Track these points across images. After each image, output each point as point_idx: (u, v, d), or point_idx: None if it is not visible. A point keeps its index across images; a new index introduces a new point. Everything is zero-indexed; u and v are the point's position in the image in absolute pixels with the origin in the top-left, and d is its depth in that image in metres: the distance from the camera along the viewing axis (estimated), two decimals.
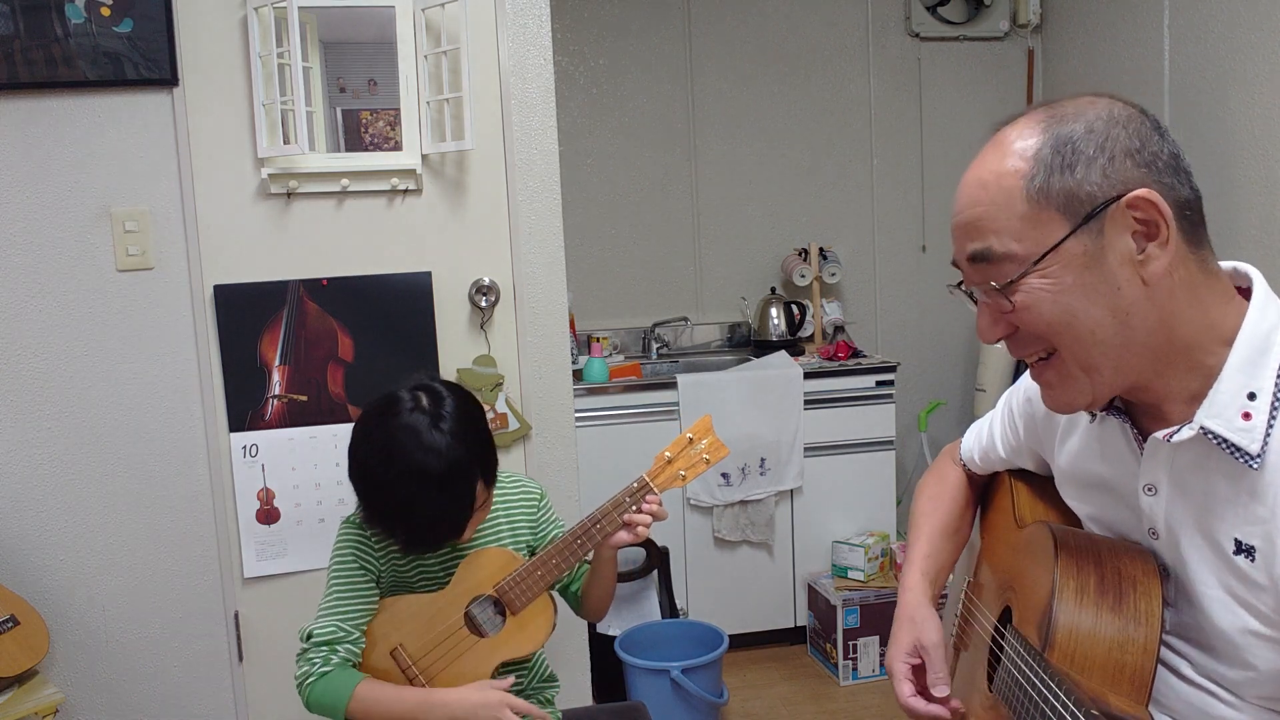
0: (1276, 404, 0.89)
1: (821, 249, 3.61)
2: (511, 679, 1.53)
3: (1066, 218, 0.89)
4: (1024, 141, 0.92)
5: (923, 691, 1.20)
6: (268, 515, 2.18)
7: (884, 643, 3.04)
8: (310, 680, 1.48)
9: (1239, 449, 0.89)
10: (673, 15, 3.59)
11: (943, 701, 1.15)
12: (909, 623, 1.23)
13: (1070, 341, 0.92)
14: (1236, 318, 0.92)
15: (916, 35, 3.74)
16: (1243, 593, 0.92)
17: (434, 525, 1.48)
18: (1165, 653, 1.01)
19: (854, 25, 3.71)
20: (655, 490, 1.55)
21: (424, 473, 1.43)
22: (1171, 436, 0.93)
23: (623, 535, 1.54)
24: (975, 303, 0.99)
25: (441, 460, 1.43)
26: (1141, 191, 0.88)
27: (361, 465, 1.49)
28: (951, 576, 1.49)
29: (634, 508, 1.53)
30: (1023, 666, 1.00)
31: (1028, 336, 0.96)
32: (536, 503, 1.69)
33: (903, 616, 1.25)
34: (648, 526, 1.54)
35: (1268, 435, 0.89)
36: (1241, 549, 0.91)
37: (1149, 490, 0.99)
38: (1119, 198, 0.88)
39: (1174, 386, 0.94)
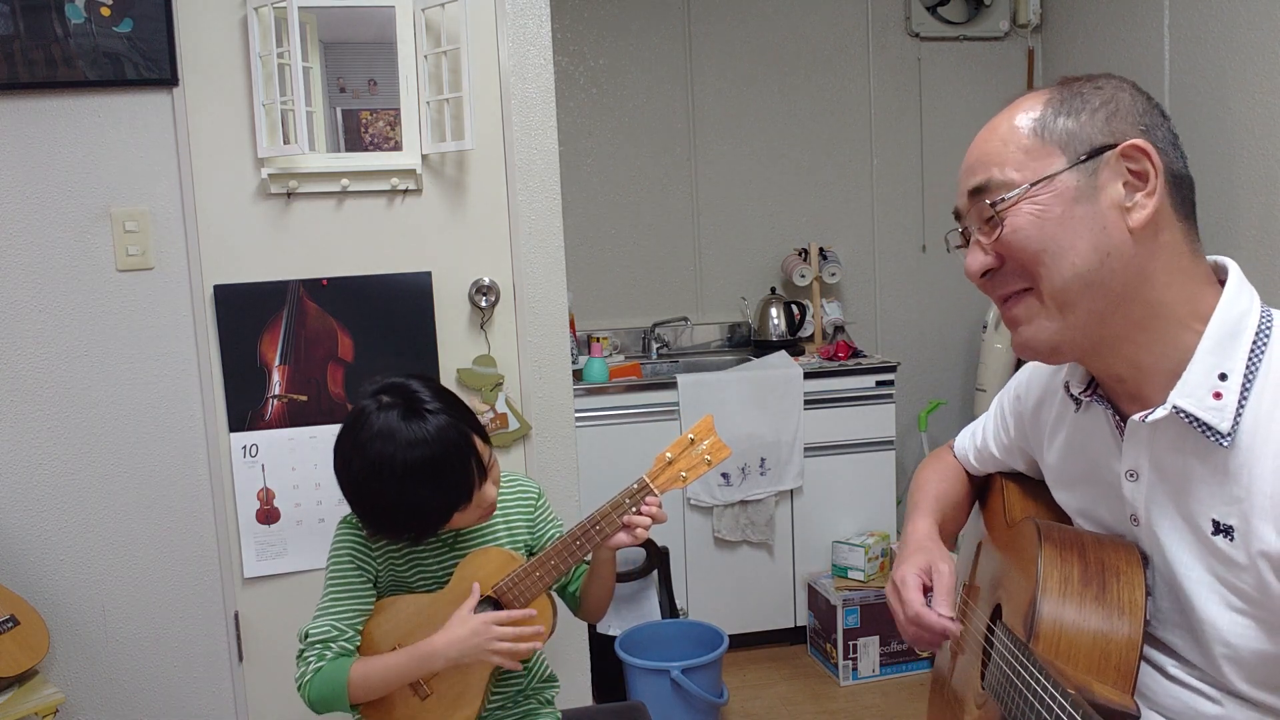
0: (1247, 385, 0.92)
1: (821, 249, 3.61)
2: (477, 587, 1.52)
3: (1065, 154, 0.95)
4: (1038, 96, 1.00)
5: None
6: (268, 515, 2.18)
7: (884, 643, 3.04)
8: (307, 679, 1.49)
9: (1210, 427, 0.92)
10: (673, 15, 3.59)
11: (938, 707, 1.16)
12: (921, 550, 1.22)
13: (1051, 271, 0.96)
14: (1214, 299, 0.96)
15: (916, 35, 3.74)
16: (1223, 573, 0.94)
17: (448, 504, 1.48)
18: (1151, 650, 1.02)
19: (854, 25, 3.71)
20: (656, 492, 1.54)
21: (419, 465, 1.43)
22: (1147, 417, 0.96)
23: (622, 537, 1.53)
24: (967, 245, 1.03)
25: (433, 445, 1.43)
26: (1138, 140, 0.94)
27: (357, 487, 1.49)
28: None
29: (633, 509, 1.53)
30: (1010, 659, 1.01)
31: (1011, 270, 0.99)
32: (534, 502, 1.69)
33: (913, 546, 1.24)
34: (646, 529, 1.53)
35: (1238, 415, 0.92)
36: (1220, 529, 0.94)
37: (1130, 476, 1.02)
38: (1116, 144, 0.94)
39: (1150, 359, 0.97)
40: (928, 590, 1.18)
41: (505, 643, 1.47)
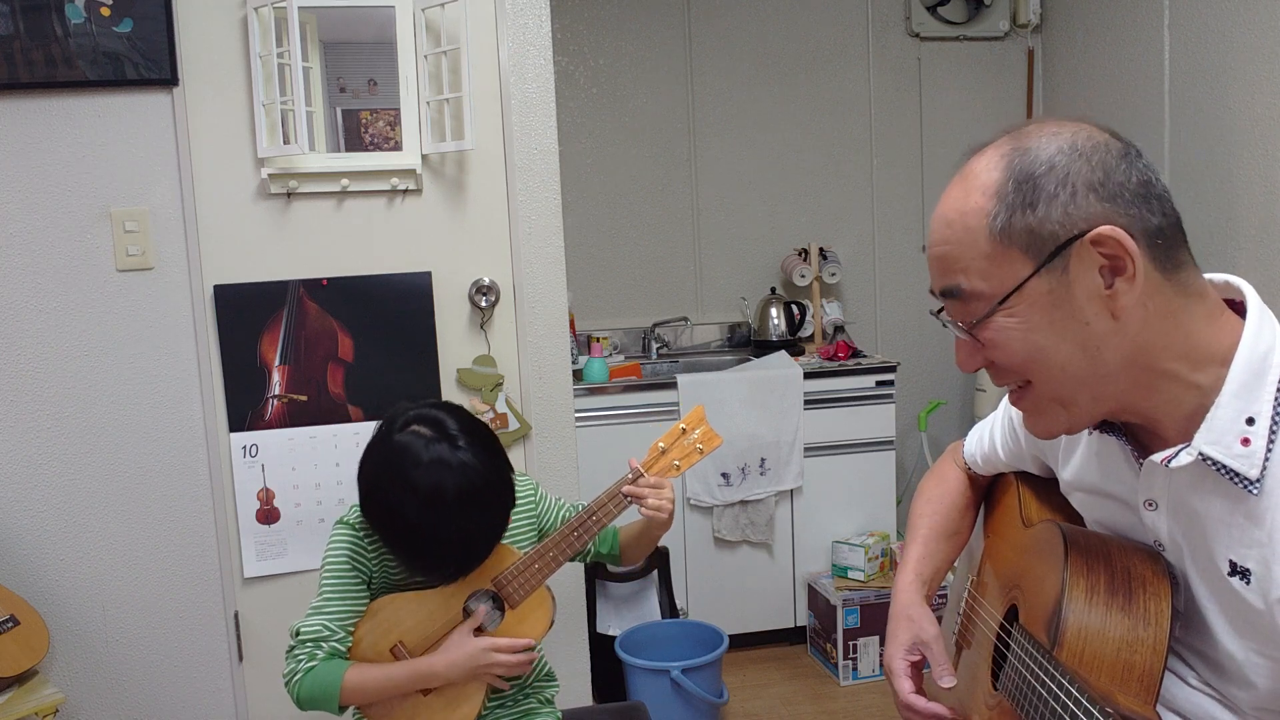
0: (1275, 427, 0.88)
1: (821, 249, 3.61)
2: (482, 609, 1.54)
3: (1029, 256, 0.89)
4: (988, 175, 0.91)
5: (920, 692, 1.20)
6: (268, 515, 2.18)
7: (884, 642, 3.03)
8: (298, 677, 1.49)
9: (1238, 474, 0.88)
10: (673, 15, 3.58)
11: (944, 702, 1.15)
12: (905, 620, 1.25)
13: (1043, 377, 0.93)
14: (1225, 335, 0.91)
15: (916, 35, 3.74)
16: (1239, 614, 0.92)
17: (500, 524, 1.51)
18: (1173, 661, 1.00)
19: (854, 25, 3.71)
20: (647, 476, 1.59)
21: (470, 491, 1.43)
22: (1170, 461, 0.92)
23: (648, 513, 1.57)
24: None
25: (478, 473, 1.44)
26: (1105, 229, 0.86)
27: (397, 517, 1.46)
28: (953, 575, 1.49)
29: (628, 497, 1.57)
30: (1031, 665, 1.00)
31: (1003, 369, 0.97)
32: (533, 496, 1.70)
33: (898, 615, 1.27)
34: (660, 500, 1.57)
35: (1267, 459, 0.88)
36: (1236, 570, 0.91)
37: (1149, 505, 0.99)
38: (1082, 234, 0.87)
39: (1166, 407, 0.94)
40: (917, 668, 1.22)
41: (501, 668, 1.52)
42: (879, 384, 3.21)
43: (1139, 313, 0.89)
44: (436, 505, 1.42)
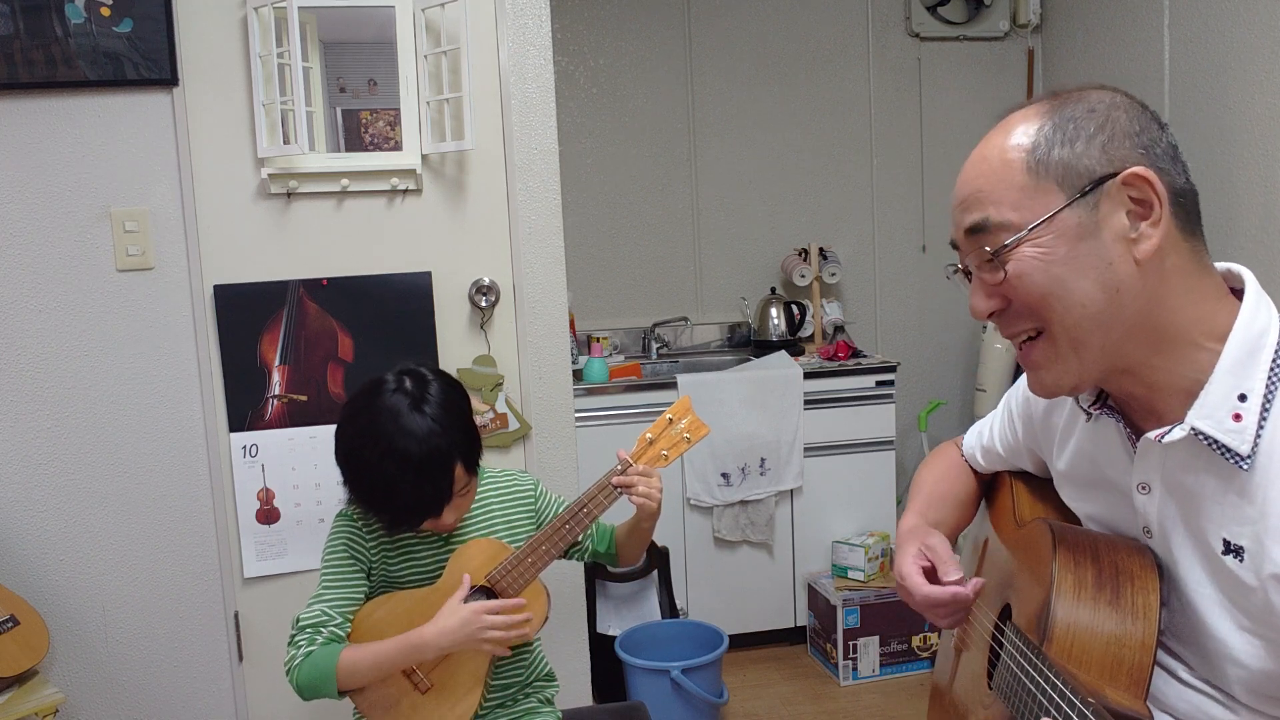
0: (1267, 405, 0.90)
1: (821, 249, 3.61)
2: (468, 579, 1.54)
3: (1063, 189, 0.92)
4: (1028, 123, 0.95)
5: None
6: (268, 515, 2.18)
7: (884, 643, 3.04)
8: (296, 663, 1.49)
9: (1229, 450, 0.90)
10: (673, 15, 3.59)
11: (946, 704, 1.15)
12: (909, 538, 1.25)
13: (1060, 314, 0.93)
14: (1228, 315, 0.93)
15: (916, 35, 3.74)
16: (1232, 593, 0.93)
17: (413, 507, 1.50)
18: (1163, 655, 1.01)
19: (854, 25, 3.71)
20: (636, 466, 1.59)
21: (404, 455, 1.45)
22: (1163, 437, 0.94)
23: (638, 501, 1.57)
24: (970, 281, 1.00)
25: (420, 444, 1.45)
26: (1138, 169, 0.90)
27: (346, 446, 1.52)
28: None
29: (618, 488, 1.57)
30: (1021, 661, 1.00)
31: (1018, 311, 0.97)
32: (532, 492, 1.71)
33: (901, 540, 1.27)
34: (649, 489, 1.57)
35: (1258, 436, 0.89)
36: (1230, 549, 0.92)
37: (1142, 489, 1.00)
38: (1116, 174, 0.91)
39: (1164, 379, 0.95)
40: (930, 571, 1.20)
41: (496, 631, 1.49)
42: (879, 384, 3.22)
43: (1158, 265, 0.91)
44: (371, 449, 1.46)
